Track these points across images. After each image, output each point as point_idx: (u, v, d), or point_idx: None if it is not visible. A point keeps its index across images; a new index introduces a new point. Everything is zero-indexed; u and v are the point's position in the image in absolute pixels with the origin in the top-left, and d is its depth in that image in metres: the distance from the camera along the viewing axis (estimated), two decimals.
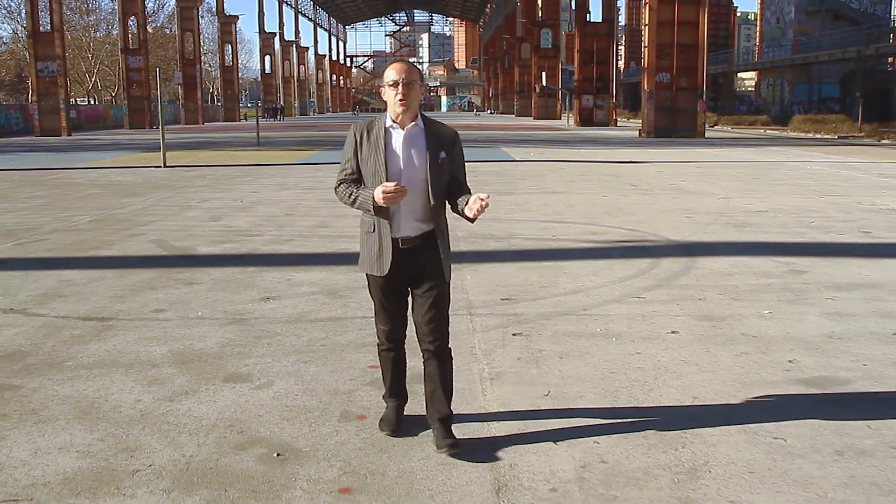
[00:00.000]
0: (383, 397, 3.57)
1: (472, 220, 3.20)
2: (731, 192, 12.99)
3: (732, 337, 4.91)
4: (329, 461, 3.22)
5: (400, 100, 3.11)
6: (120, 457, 3.26)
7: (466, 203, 3.17)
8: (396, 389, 3.51)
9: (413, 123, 3.19)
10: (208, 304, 5.71)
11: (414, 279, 3.29)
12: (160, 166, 18.24)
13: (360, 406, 3.80)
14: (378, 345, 3.49)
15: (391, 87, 3.13)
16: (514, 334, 4.93)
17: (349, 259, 7.41)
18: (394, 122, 3.19)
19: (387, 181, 3.10)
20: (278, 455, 3.27)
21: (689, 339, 4.86)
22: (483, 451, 3.30)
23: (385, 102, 3.20)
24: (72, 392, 3.99)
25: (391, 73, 3.16)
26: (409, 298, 3.36)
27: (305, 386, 4.07)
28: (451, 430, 3.30)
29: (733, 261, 7.27)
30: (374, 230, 3.24)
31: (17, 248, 8.09)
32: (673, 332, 5.00)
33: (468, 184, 3.37)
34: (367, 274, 3.34)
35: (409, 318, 3.39)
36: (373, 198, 3.09)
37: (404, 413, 3.53)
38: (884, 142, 33.07)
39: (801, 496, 2.94)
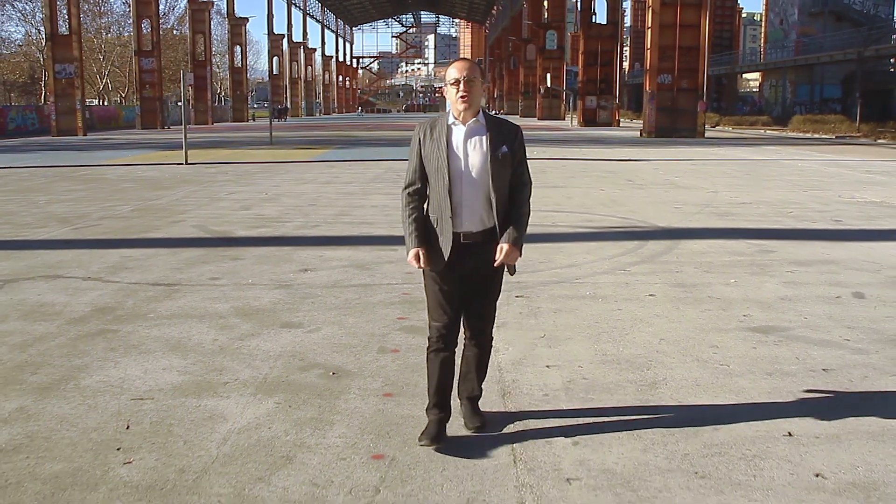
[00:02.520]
0: (426, 410, 3.47)
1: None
2: (720, 186, 13.92)
3: (700, 298, 5.86)
4: (373, 377, 4.18)
5: (462, 97, 3.17)
6: (211, 374, 4.23)
7: (501, 245, 3.26)
8: (440, 400, 3.40)
9: (474, 119, 3.24)
10: (255, 274, 6.68)
11: (472, 274, 3.32)
12: (182, 163, 19.21)
13: (394, 343, 4.76)
14: (427, 347, 3.42)
15: (452, 86, 3.19)
16: (516, 296, 5.88)
17: (371, 241, 8.39)
18: (456, 119, 3.24)
19: (448, 177, 3.20)
20: (333, 374, 4.23)
21: (663, 300, 5.81)
22: (492, 372, 4.24)
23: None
24: (160, 334, 4.96)
25: (453, 71, 3.21)
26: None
27: (347, 331, 5.03)
28: (479, 408, 3.53)
29: (711, 243, 8.21)
30: (436, 225, 3.28)
31: (75, 231, 9.08)
32: (650, 295, 5.95)
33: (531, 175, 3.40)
34: (424, 268, 3.35)
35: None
36: (409, 251, 3.29)
37: (447, 433, 3.39)
38: (880, 141, 33.92)
39: (734, 399, 3.88)
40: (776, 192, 13.08)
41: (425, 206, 3.35)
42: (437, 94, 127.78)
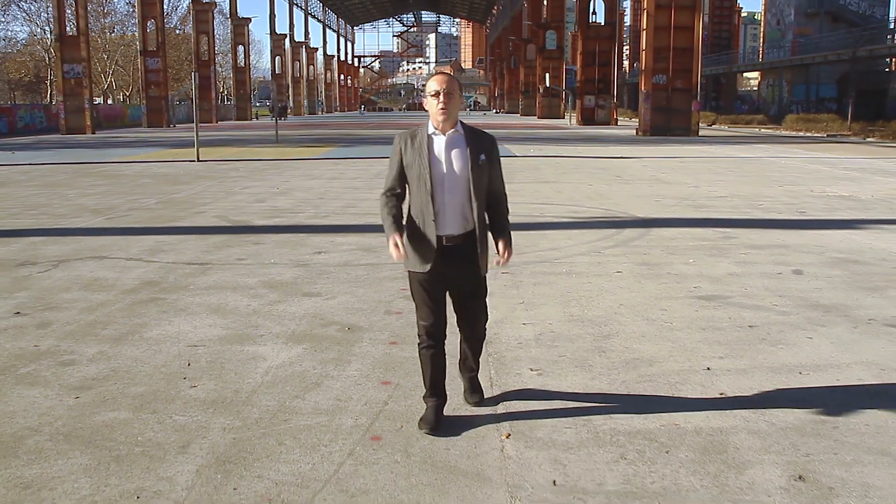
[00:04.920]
0: (423, 398, 3.72)
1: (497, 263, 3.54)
2: (702, 182, 14.86)
3: (660, 274, 6.81)
4: (381, 331, 5.14)
5: (441, 108, 3.36)
6: (249, 329, 5.19)
7: (497, 247, 3.53)
8: (436, 390, 3.66)
9: (453, 130, 3.43)
10: (276, 256, 7.64)
11: (455, 275, 3.52)
12: (194, 160, 20.17)
13: (397, 307, 5.72)
14: (418, 343, 3.66)
15: (433, 97, 3.38)
16: (502, 272, 6.82)
17: (376, 229, 9.27)
18: (436, 129, 3.43)
19: (430, 183, 3.39)
20: (349, 329, 5.19)
21: (628, 276, 6.76)
22: None
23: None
24: (201, 301, 5.92)
25: (433, 84, 3.40)
26: (448, 295, 3.63)
27: (359, 298, 5.99)
28: (479, 384, 3.88)
29: (681, 230, 9.16)
30: (420, 229, 3.47)
31: (108, 221, 10.05)
32: (618, 272, 6.90)
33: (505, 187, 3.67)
34: (409, 271, 3.58)
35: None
36: (388, 239, 3.43)
37: (443, 414, 3.68)
38: (869, 140, 34.80)
39: (670, 346, 4.84)
40: (753, 187, 14.00)
41: (406, 209, 3.54)
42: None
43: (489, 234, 3.57)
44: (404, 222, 3.51)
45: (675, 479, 3.13)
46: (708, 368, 4.42)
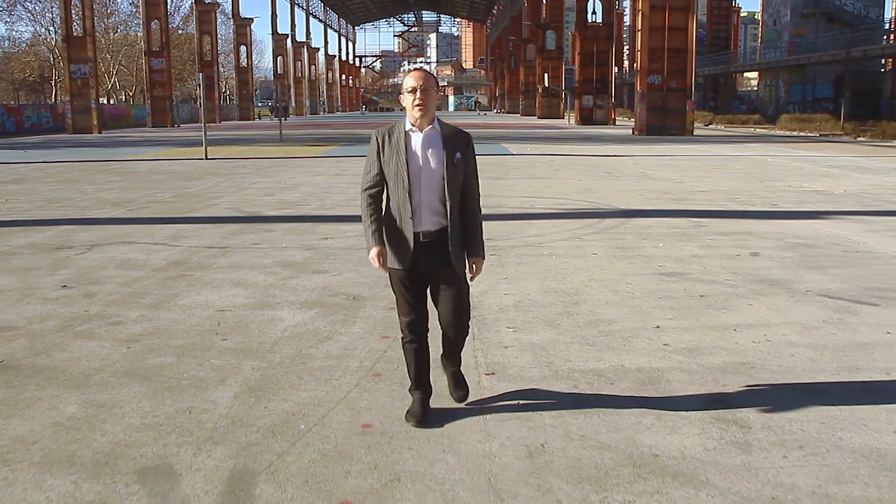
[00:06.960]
0: (409, 391, 3.79)
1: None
2: (687, 178, 15.66)
3: (631, 256, 7.62)
4: (382, 300, 5.95)
5: (417, 104, 3.38)
6: (268, 298, 6.00)
7: (469, 261, 3.57)
8: (420, 382, 3.73)
9: (430, 126, 3.45)
10: (287, 241, 8.46)
11: (433, 271, 3.54)
12: (202, 158, 21.00)
13: None
14: (402, 338, 3.69)
15: (409, 93, 3.40)
16: (490, 254, 7.62)
17: None
18: (413, 125, 3.45)
19: (408, 179, 3.42)
20: (354, 298, 6.01)
21: (602, 257, 7.57)
22: None
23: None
24: (224, 277, 6.74)
25: (409, 80, 3.42)
26: (429, 291, 3.64)
27: (362, 275, 6.80)
28: (462, 380, 3.93)
29: (657, 220, 9.97)
30: (397, 225, 3.51)
31: (130, 212, 10.87)
32: (594, 254, 7.71)
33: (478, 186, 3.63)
34: (389, 269, 3.57)
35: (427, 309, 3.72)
36: (370, 249, 3.52)
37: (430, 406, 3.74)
38: (860, 139, 35.59)
39: (629, 310, 5.64)
40: (734, 183, 14.80)
41: (383, 206, 3.57)
42: (439, 93, 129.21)
43: (464, 235, 3.56)
44: (383, 216, 3.55)
45: (615, 401, 3.94)
46: (657, 326, 5.23)
